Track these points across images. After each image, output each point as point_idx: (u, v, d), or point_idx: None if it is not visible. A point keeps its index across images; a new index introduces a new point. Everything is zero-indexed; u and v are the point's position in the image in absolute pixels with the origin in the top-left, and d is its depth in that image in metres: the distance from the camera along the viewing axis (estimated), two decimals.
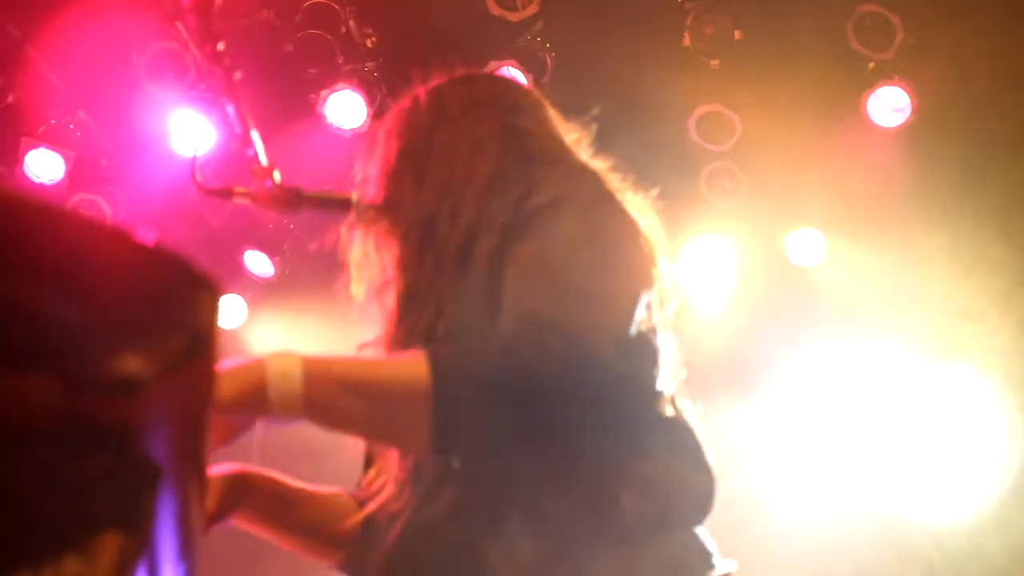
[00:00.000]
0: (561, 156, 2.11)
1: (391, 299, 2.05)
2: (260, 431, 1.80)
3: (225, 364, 1.69)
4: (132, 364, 0.99)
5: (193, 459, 1.14)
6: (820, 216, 5.18)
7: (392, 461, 2.00)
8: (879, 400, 5.46)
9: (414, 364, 1.73)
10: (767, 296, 5.36)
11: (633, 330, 1.87)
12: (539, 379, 1.71)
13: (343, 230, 2.21)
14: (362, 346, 2.12)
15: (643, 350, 1.93)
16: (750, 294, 5.35)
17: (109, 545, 0.96)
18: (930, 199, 4.89)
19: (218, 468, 2.05)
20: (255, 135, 2.16)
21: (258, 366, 1.70)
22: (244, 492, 2.06)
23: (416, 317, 1.98)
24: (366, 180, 2.19)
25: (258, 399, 1.69)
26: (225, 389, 1.67)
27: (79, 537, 0.95)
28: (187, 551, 1.08)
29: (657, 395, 1.96)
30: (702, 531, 1.95)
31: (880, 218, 5.03)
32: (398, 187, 2.10)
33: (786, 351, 5.43)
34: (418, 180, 2.08)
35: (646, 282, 1.95)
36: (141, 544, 1.00)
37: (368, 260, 2.14)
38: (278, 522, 2.14)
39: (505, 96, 2.22)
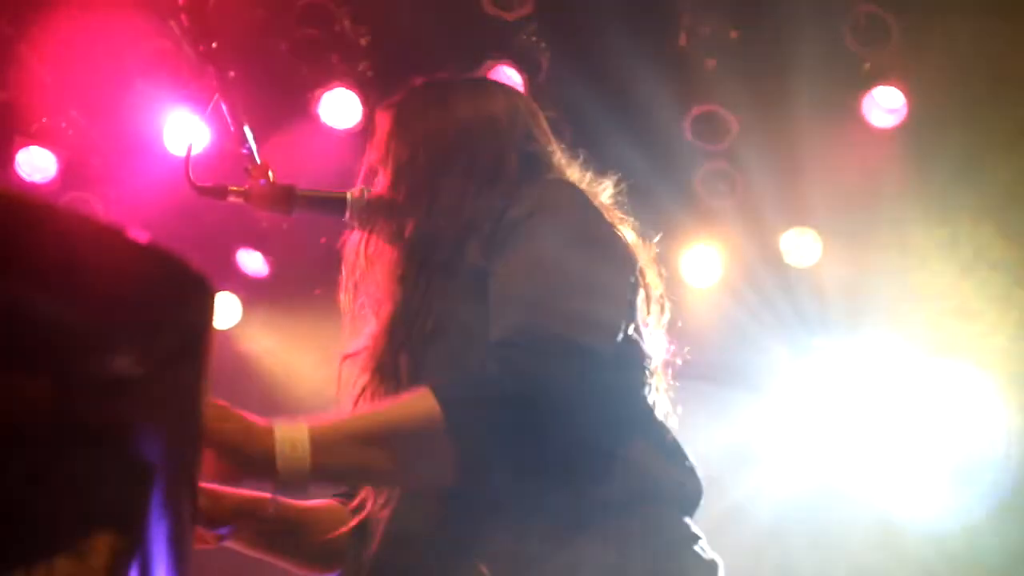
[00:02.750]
0: (550, 171, 2.15)
1: (385, 312, 2.05)
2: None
3: (232, 419, 1.69)
4: (125, 363, 0.98)
5: (186, 458, 1.13)
6: (816, 216, 5.17)
7: None
8: (877, 401, 5.46)
9: (421, 400, 1.75)
10: (762, 296, 5.35)
11: (623, 329, 1.92)
12: (542, 384, 1.74)
13: (347, 233, 2.20)
14: (346, 356, 2.11)
15: (630, 349, 1.98)
16: (744, 294, 5.34)
17: (101, 544, 0.95)
18: (927, 199, 4.88)
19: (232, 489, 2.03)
20: (249, 134, 2.16)
21: (267, 434, 1.70)
22: (249, 516, 2.04)
23: (407, 330, 1.99)
24: (373, 177, 2.18)
25: (264, 468, 1.69)
26: (232, 456, 1.68)
27: (71, 537, 0.94)
28: (179, 550, 1.07)
29: (643, 392, 2.01)
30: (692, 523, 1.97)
31: (876, 218, 5.03)
32: (412, 203, 2.09)
33: (781, 352, 5.42)
34: (432, 200, 2.07)
35: (630, 282, 2.00)
36: (133, 543, 0.99)
37: (365, 268, 2.13)
38: (282, 549, 2.15)
39: (518, 118, 2.20)
